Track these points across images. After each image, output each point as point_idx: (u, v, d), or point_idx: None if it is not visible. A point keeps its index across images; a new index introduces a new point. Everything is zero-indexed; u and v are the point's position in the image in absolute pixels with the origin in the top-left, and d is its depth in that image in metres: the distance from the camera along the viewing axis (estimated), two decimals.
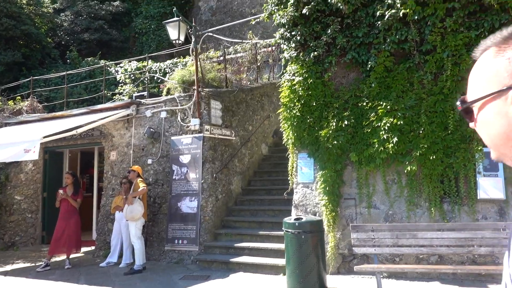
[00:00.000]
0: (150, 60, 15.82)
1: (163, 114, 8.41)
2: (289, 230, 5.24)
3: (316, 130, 6.45)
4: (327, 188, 6.17)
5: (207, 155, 7.86)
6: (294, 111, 6.56)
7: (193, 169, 7.81)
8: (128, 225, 7.35)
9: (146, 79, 14.19)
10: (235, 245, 7.09)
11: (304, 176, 6.61)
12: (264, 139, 10.25)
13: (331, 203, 6.16)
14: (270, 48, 11.83)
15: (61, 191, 7.63)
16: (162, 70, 14.44)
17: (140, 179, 7.24)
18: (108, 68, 14.82)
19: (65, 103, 10.95)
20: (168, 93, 9.15)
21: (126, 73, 15.07)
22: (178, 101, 8.27)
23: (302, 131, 6.53)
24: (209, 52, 10.70)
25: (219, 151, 8.23)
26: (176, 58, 14.53)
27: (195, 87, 8.04)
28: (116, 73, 15.49)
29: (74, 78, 15.11)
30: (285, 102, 6.75)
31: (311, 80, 6.46)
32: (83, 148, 11.31)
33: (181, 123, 8.15)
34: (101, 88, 14.61)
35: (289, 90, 6.68)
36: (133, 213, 6.99)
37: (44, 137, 7.14)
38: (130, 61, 15.47)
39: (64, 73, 11.53)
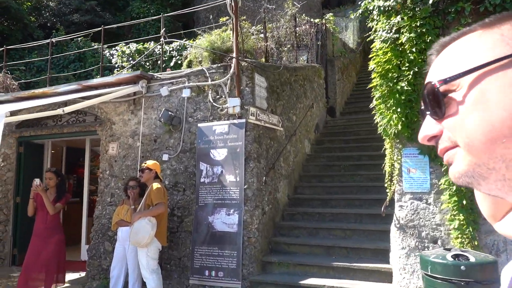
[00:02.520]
0: (152, 42, 13.62)
1: (186, 93, 6.07)
2: (440, 277, 2.99)
3: None
4: (464, 202, 3.95)
5: (250, 149, 5.56)
6: (401, 85, 4.34)
7: (231, 169, 5.49)
8: (136, 249, 4.98)
9: (147, 62, 11.99)
10: (301, 282, 4.77)
11: (414, 183, 4.37)
12: (307, 134, 8.01)
13: (470, 225, 3.94)
14: (307, 25, 9.69)
15: (37, 181, 5.08)
16: (168, 53, 12.19)
17: (157, 184, 4.86)
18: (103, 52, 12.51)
19: (48, 79, 8.46)
20: (189, 66, 6.85)
21: (123, 56, 12.80)
22: (208, 74, 5.95)
23: (415, 114, 4.32)
24: (243, 18, 8.42)
25: (263, 146, 5.94)
26: (185, 39, 12.25)
27: (234, 55, 5.76)
28: (111, 57, 13.24)
29: (60, 61, 12.89)
30: (381, 72, 4.54)
31: (429, 38, 4.27)
32: (70, 142, 8.86)
33: (213, 104, 5.84)
34: (92, 74, 12.31)
35: (390, 53, 4.47)
36: (139, 235, 4.59)
37: (11, 112, 4.77)
38: (127, 44, 13.33)
39: (48, 40, 9.01)
